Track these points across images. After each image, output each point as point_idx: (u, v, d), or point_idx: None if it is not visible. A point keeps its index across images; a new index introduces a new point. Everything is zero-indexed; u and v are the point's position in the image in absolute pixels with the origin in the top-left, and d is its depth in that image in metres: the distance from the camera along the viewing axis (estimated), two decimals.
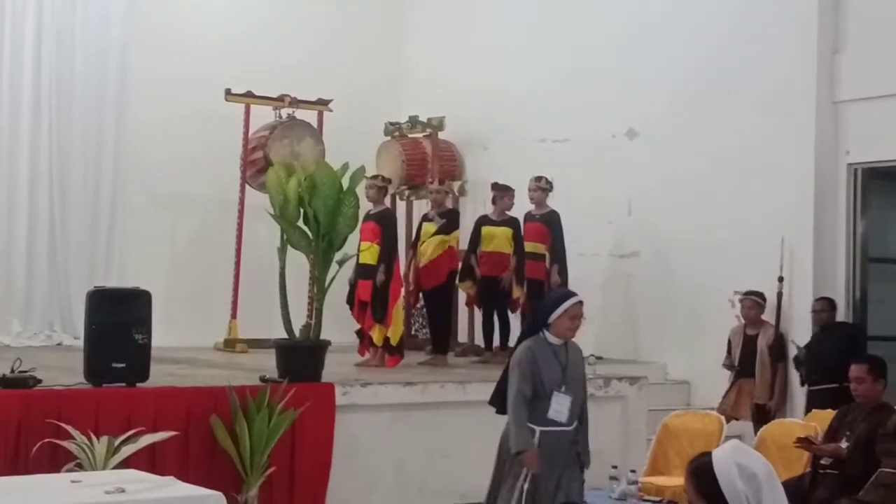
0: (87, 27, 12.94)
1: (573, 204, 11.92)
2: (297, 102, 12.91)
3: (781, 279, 10.67)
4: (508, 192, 11.44)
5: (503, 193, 11.43)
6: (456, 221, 11.35)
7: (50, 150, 12.73)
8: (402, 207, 13.63)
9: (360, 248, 10.49)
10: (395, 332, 10.43)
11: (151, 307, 8.05)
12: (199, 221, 13.49)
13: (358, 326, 10.70)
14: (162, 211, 13.30)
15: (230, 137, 12.59)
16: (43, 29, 12.73)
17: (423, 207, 12.86)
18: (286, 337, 8.98)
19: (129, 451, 7.12)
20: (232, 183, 12.70)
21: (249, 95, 12.69)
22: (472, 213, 12.73)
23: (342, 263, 9.15)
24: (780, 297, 10.68)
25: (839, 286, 10.77)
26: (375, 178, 10.91)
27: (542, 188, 11.45)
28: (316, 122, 13.02)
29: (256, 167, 12.45)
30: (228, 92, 12.55)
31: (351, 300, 10.71)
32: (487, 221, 11.46)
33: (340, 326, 10.59)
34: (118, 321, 7.88)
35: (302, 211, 8.98)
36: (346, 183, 9.06)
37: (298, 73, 13.25)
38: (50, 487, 5.43)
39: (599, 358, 10.69)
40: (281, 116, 12.90)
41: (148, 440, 7.28)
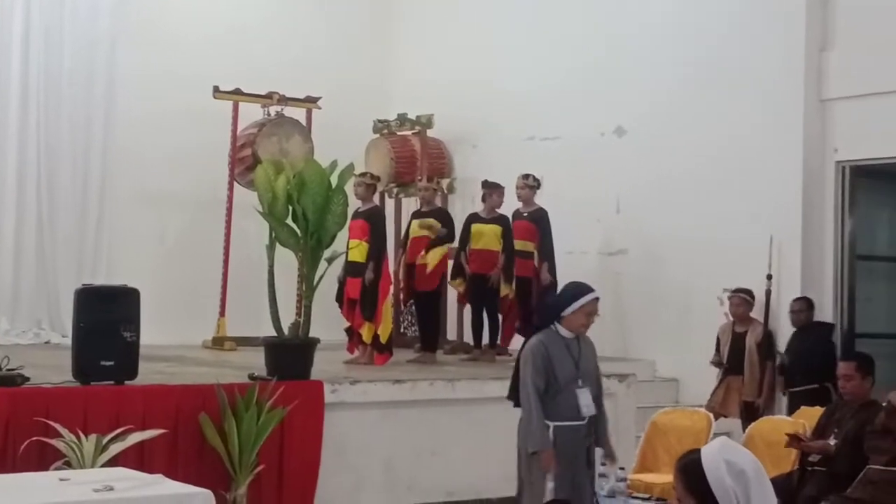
0: (75, 21, 12.90)
1: (562, 202, 11.94)
2: (285, 100, 12.89)
3: (770, 277, 10.68)
4: (498, 189, 11.44)
5: (493, 191, 11.42)
6: (453, 230, 11.33)
7: (38, 145, 12.69)
8: (390, 205, 13.60)
9: (348, 245, 10.48)
10: (384, 329, 10.43)
11: (140, 305, 8.02)
12: (187, 218, 13.45)
13: (347, 324, 10.71)
14: (150, 207, 13.26)
15: (219, 134, 12.56)
16: (31, 22, 12.69)
17: (411, 205, 12.86)
18: (275, 335, 8.95)
19: (117, 449, 7.10)
20: (220, 180, 12.68)
21: (238, 93, 12.66)
22: (460, 210, 12.72)
23: (331, 261, 9.13)
24: (768, 294, 10.69)
25: (827, 284, 10.80)
26: (364, 175, 10.89)
27: (529, 186, 11.46)
28: (304, 119, 13.00)
29: (245, 164, 12.43)
30: (217, 89, 12.51)
31: (340, 298, 10.70)
32: (477, 219, 11.45)
33: (329, 324, 10.58)
34: (106, 319, 7.85)
35: (290, 208, 8.96)
36: (334, 180, 9.05)
37: (287, 70, 13.23)
38: (38, 486, 5.40)
39: None
40: (269, 114, 12.88)
41: (136, 438, 7.25)
